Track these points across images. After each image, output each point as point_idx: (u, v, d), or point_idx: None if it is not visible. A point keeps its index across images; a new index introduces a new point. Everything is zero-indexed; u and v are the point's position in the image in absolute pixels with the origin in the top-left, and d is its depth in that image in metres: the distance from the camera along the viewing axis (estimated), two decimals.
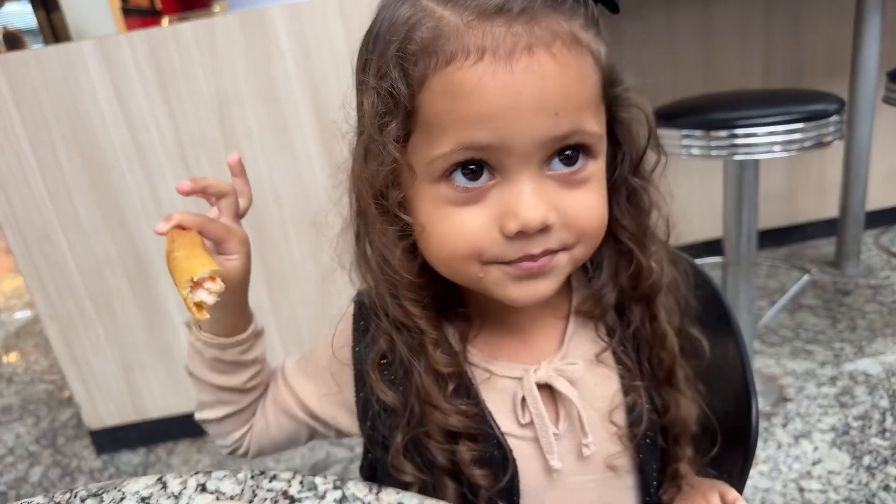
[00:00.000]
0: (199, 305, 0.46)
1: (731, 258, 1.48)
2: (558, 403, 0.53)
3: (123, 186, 1.48)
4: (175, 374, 1.68)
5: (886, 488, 1.23)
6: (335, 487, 0.40)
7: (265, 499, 0.40)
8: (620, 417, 0.53)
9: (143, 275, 1.56)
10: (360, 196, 0.48)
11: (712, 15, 2.05)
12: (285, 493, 0.40)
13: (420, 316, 0.50)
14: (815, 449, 1.36)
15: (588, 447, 0.52)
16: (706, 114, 1.28)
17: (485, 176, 0.44)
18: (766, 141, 1.23)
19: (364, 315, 0.56)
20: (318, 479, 0.40)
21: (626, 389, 0.53)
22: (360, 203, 0.49)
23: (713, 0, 2.04)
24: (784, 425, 1.44)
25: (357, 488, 0.40)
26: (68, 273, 1.54)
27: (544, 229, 0.44)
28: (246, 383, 0.59)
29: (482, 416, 0.52)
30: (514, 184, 0.43)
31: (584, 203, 0.45)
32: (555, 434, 0.52)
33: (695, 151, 1.28)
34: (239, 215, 0.57)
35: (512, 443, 0.52)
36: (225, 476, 0.42)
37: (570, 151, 0.44)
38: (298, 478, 0.41)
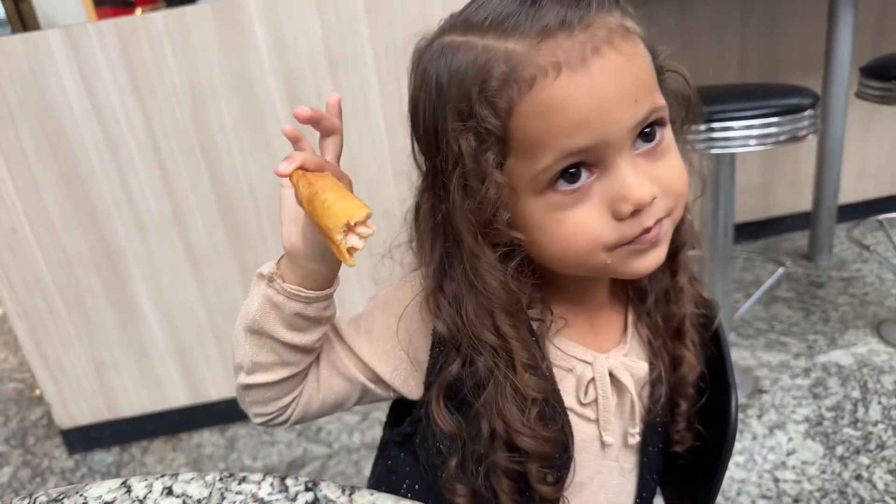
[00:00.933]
0: (350, 251, 0.43)
1: (708, 251, 1.49)
2: (614, 390, 0.57)
3: (94, 180, 1.44)
4: (149, 371, 1.65)
5: (859, 478, 1.25)
6: (307, 489, 0.39)
7: (234, 502, 0.38)
8: (645, 395, 0.58)
9: (115, 270, 1.53)
10: (460, 231, 0.51)
11: (689, 10, 2.06)
12: (255, 496, 0.39)
13: (515, 338, 0.52)
14: (790, 440, 1.38)
15: (634, 436, 0.58)
16: None
17: (584, 175, 0.47)
18: (742, 135, 1.23)
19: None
20: (289, 481, 0.39)
21: (651, 367, 0.58)
22: (461, 237, 0.51)
23: None
24: (759, 417, 1.46)
25: (329, 490, 0.39)
26: (37, 269, 1.50)
27: (651, 202, 0.47)
28: (316, 342, 0.56)
29: (561, 432, 0.55)
30: (613, 172, 0.46)
31: (672, 169, 0.49)
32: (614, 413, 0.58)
33: None
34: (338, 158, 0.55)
35: (572, 418, 0.56)
36: (192, 478, 0.40)
37: (648, 129, 0.47)
38: (269, 479, 0.40)
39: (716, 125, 1.23)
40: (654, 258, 0.50)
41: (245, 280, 1.56)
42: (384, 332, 0.58)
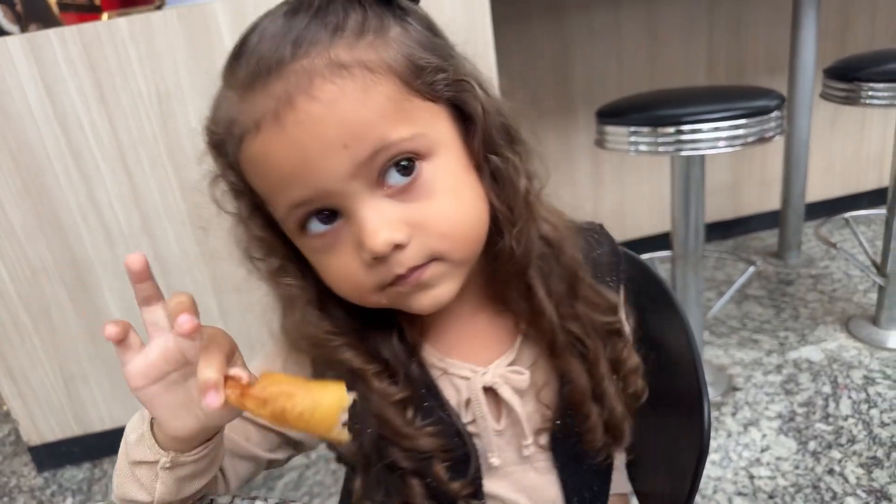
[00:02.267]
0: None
1: (680, 251, 1.51)
2: (501, 402, 0.55)
3: (58, 190, 1.41)
4: (120, 384, 1.61)
5: (831, 472, 1.27)
6: None
7: None
8: (546, 400, 0.56)
9: (82, 281, 1.49)
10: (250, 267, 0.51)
11: (657, 13, 2.08)
12: None
13: (352, 357, 0.50)
14: (764, 436, 1.40)
15: (528, 448, 0.55)
16: (653, 110, 1.30)
17: (330, 220, 0.45)
18: (711, 137, 1.25)
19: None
20: (258, 503, 0.38)
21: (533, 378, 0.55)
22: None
23: None
24: (733, 414, 1.48)
25: None
26: (0, 282, 1.46)
27: (399, 248, 0.44)
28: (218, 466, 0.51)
29: (447, 419, 0.53)
30: (352, 216, 0.44)
31: (432, 209, 0.44)
32: (497, 431, 0.55)
33: (642, 148, 1.29)
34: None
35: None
36: None
37: (387, 172, 0.43)
38: (238, 501, 0.39)
39: (685, 128, 1.24)
40: (434, 297, 0.47)
41: (217, 289, 1.54)
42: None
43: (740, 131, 1.25)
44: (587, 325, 0.53)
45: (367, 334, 0.52)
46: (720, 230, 2.39)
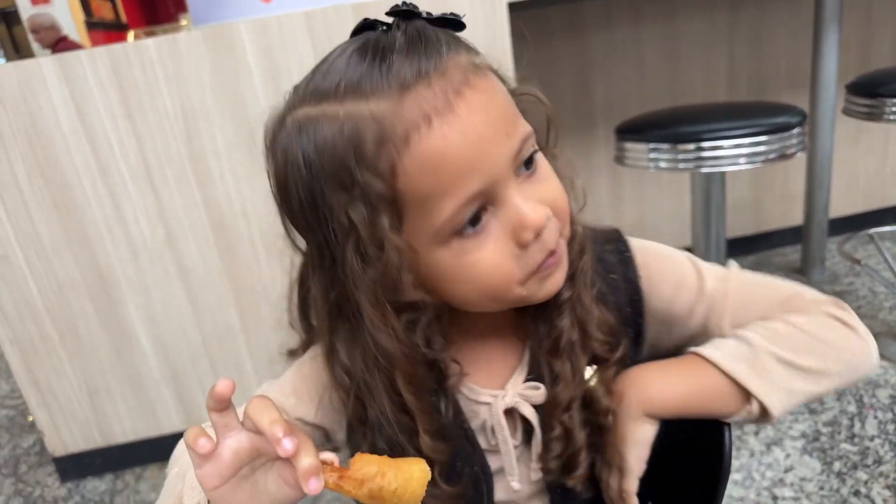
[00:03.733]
0: None
1: None
2: (515, 422, 0.56)
3: (86, 205, 1.44)
4: (143, 397, 1.63)
5: (857, 493, 1.25)
6: None
7: None
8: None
9: (108, 296, 1.52)
10: (360, 303, 0.48)
11: (677, 30, 2.08)
12: None
13: (417, 406, 0.51)
14: (787, 456, 1.38)
15: (537, 471, 0.56)
16: (673, 127, 1.30)
17: (483, 214, 0.46)
18: (731, 153, 1.24)
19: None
20: None
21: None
22: (361, 310, 0.48)
23: (678, 15, 2.07)
24: (756, 433, 1.46)
25: None
26: (28, 295, 1.49)
27: (547, 224, 0.47)
28: None
29: (480, 475, 0.54)
30: (505, 204, 0.46)
31: (553, 189, 0.50)
32: (515, 447, 0.56)
33: (662, 165, 1.29)
34: None
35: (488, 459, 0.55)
36: None
37: (530, 160, 0.48)
38: None
39: (705, 144, 1.24)
40: (558, 278, 0.51)
41: (240, 303, 1.55)
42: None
43: (761, 148, 1.25)
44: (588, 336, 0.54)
45: (423, 387, 0.52)
46: (742, 246, 2.37)
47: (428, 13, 0.48)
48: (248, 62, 1.38)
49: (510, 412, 0.55)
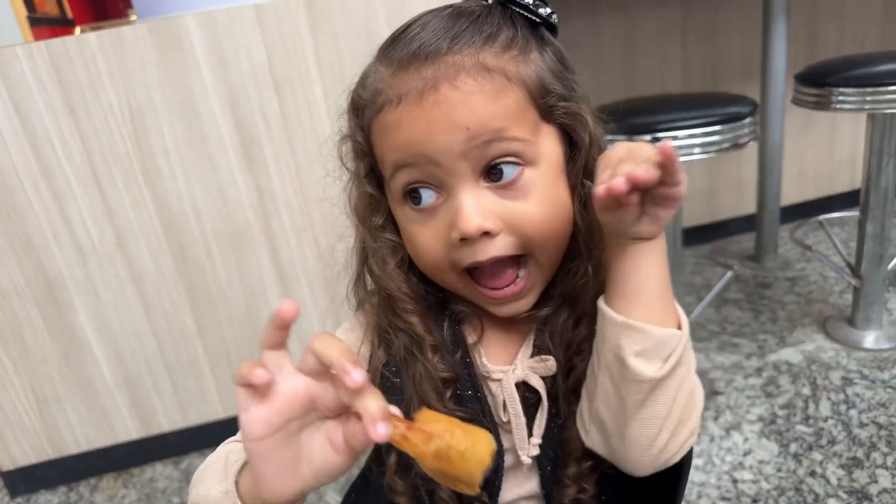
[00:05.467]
0: None
1: None
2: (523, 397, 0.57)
3: (29, 209, 1.38)
4: (95, 405, 1.58)
5: (812, 474, 1.28)
6: None
7: None
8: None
9: (55, 301, 1.46)
10: (356, 223, 0.58)
11: (633, 22, 2.10)
12: None
13: (417, 323, 0.55)
14: (746, 440, 1.40)
15: (535, 447, 0.57)
16: (629, 118, 1.31)
17: (431, 196, 0.50)
18: (686, 143, 1.26)
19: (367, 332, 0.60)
20: None
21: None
22: (357, 228, 0.58)
23: (634, 7, 2.09)
24: (715, 418, 1.48)
25: None
26: None
27: (488, 235, 0.49)
28: None
29: (481, 417, 0.56)
30: (454, 197, 0.49)
31: (525, 210, 0.49)
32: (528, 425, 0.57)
33: None
34: None
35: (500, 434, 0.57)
36: None
37: (496, 168, 0.49)
38: None
39: (661, 135, 1.25)
40: (514, 308, 0.54)
41: (194, 304, 1.51)
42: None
43: (715, 138, 1.26)
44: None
45: (431, 312, 0.57)
46: (698, 234, 2.41)
47: (527, 5, 0.51)
48: (196, 56, 1.34)
49: (517, 387, 0.57)
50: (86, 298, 1.48)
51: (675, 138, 1.25)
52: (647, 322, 0.46)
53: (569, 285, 0.55)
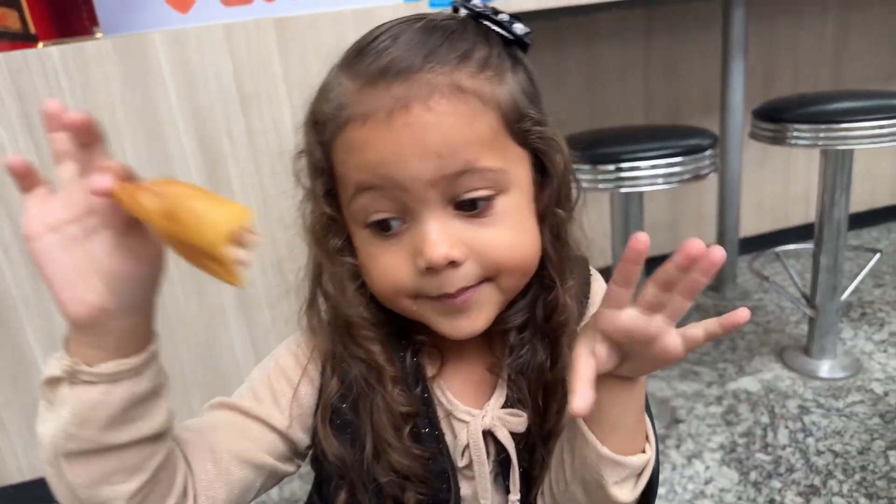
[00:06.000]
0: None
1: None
2: (490, 444, 0.55)
3: None
4: None
5: (772, 502, 1.29)
6: None
7: None
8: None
9: (3, 320, 1.40)
10: (310, 243, 0.54)
11: (596, 55, 2.16)
12: None
13: (378, 352, 0.52)
14: (707, 468, 1.41)
15: (515, 503, 0.55)
16: (593, 149, 1.33)
17: (397, 223, 0.48)
18: (649, 174, 1.28)
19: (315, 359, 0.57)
20: None
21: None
22: (311, 248, 0.54)
23: (597, 41, 2.15)
24: (677, 446, 1.49)
25: None
26: None
27: (454, 265, 0.46)
28: (164, 424, 0.44)
29: (439, 457, 0.53)
30: (420, 224, 0.47)
31: (494, 238, 0.48)
32: (491, 474, 0.55)
33: (583, 185, 1.31)
34: None
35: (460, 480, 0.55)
36: None
37: (469, 198, 0.47)
38: None
39: (624, 165, 1.28)
40: (466, 323, 0.50)
41: (160, 320, 1.46)
42: (282, 383, 0.56)
43: (677, 169, 1.29)
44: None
45: (392, 341, 0.54)
46: (660, 264, 2.45)
47: (502, 22, 0.49)
48: (162, 74, 1.32)
49: (486, 435, 0.54)
50: (35, 318, 1.42)
51: (638, 168, 1.28)
52: (626, 453, 0.48)
53: (548, 321, 0.53)
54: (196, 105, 1.35)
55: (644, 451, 0.50)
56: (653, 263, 0.43)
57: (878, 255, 1.99)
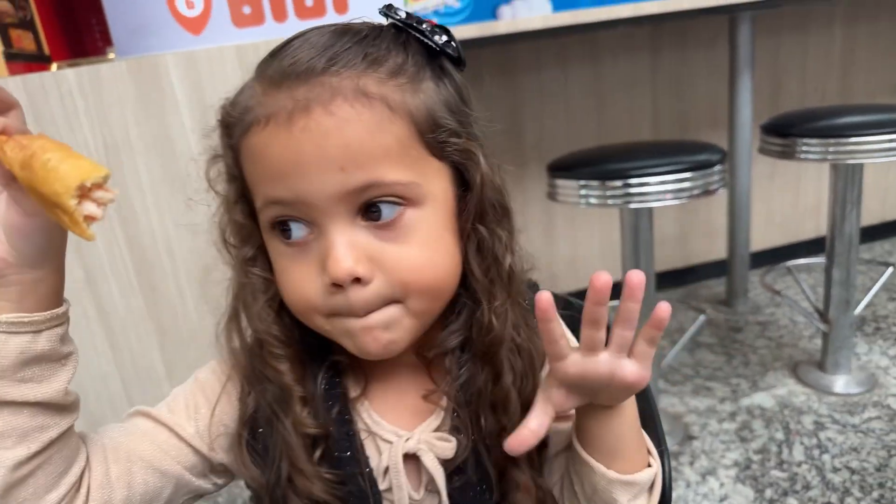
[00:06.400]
0: (87, 220, 0.37)
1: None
2: (422, 469, 0.52)
3: None
4: None
5: None
6: None
7: None
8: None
9: None
10: (223, 252, 0.53)
11: (603, 72, 2.17)
12: None
13: (286, 371, 0.50)
14: (722, 485, 1.40)
15: None
16: (601, 165, 1.34)
17: (302, 230, 0.46)
18: (658, 190, 1.29)
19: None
20: None
21: (460, 448, 0.51)
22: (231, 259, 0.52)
23: (603, 58, 2.16)
24: (691, 463, 1.48)
25: None
26: None
27: (362, 282, 0.44)
28: (68, 394, 0.44)
29: (359, 479, 0.50)
30: (326, 236, 0.45)
31: (402, 255, 0.45)
32: (415, 501, 0.52)
33: (592, 201, 1.32)
34: None
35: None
36: None
37: (374, 207, 0.45)
38: None
39: (633, 181, 1.28)
40: (380, 342, 0.47)
41: (164, 345, 1.47)
42: (200, 401, 0.55)
43: (686, 184, 1.29)
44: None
45: (307, 359, 0.52)
46: (671, 279, 2.44)
47: (423, 31, 0.47)
48: (174, 95, 1.34)
49: (414, 459, 0.51)
50: None
51: (647, 184, 1.28)
52: (632, 471, 0.49)
53: (478, 341, 0.50)
54: (209, 125, 1.37)
55: (650, 465, 0.51)
56: (664, 278, 0.43)
57: (890, 269, 1.98)
